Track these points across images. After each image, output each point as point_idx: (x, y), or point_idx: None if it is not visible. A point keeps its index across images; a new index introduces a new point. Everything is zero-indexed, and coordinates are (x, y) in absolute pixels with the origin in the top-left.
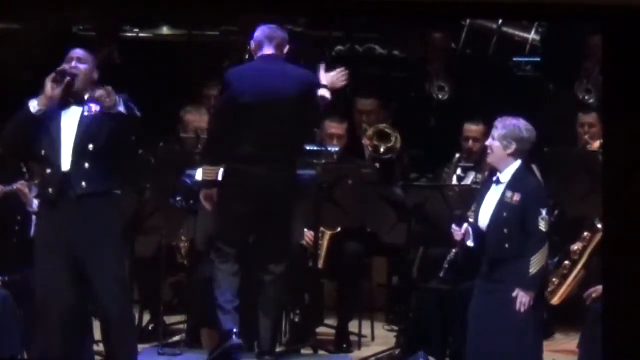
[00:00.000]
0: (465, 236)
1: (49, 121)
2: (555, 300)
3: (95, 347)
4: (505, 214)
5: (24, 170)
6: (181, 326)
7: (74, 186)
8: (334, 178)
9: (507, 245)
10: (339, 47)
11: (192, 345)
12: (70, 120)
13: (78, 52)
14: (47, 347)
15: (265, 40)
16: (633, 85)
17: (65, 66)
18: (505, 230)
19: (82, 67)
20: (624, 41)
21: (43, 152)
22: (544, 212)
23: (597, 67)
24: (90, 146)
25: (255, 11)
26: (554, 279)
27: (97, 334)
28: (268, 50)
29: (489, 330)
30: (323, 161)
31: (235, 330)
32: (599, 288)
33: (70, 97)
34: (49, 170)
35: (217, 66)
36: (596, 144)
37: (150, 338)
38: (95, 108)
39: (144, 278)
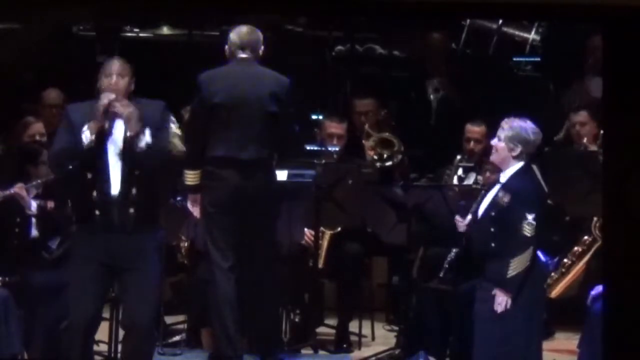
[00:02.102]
0: (467, 228)
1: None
2: (553, 294)
3: (95, 347)
4: (493, 213)
5: (21, 171)
6: (181, 326)
7: (121, 212)
8: (334, 178)
9: (492, 244)
10: (339, 47)
11: (192, 345)
12: (115, 142)
13: (116, 67)
14: (66, 351)
15: (238, 47)
16: (633, 85)
17: (107, 100)
18: (492, 229)
19: (122, 82)
20: (624, 41)
21: (89, 176)
22: (529, 217)
23: (597, 67)
24: (137, 172)
25: (255, 11)
26: (553, 274)
27: (97, 334)
28: (242, 54)
29: (486, 326)
30: (323, 161)
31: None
32: (599, 288)
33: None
34: (95, 194)
35: (217, 66)
36: (592, 140)
37: None
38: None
39: None
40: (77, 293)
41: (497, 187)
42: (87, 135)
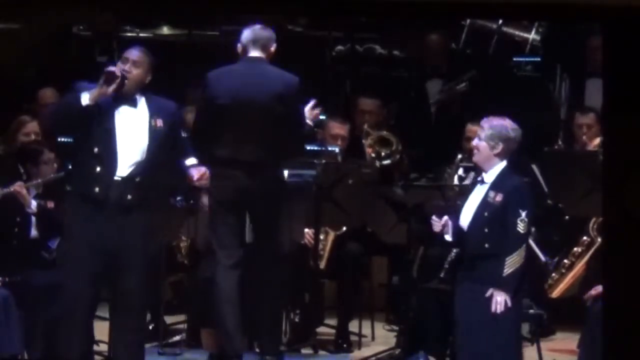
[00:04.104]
0: (444, 228)
1: (104, 120)
2: (555, 294)
3: (95, 347)
4: (486, 214)
5: (22, 171)
6: (181, 326)
7: (121, 193)
8: (334, 178)
9: (486, 245)
10: (339, 47)
11: (192, 345)
12: (125, 124)
13: (134, 54)
14: (62, 346)
15: (250, 43)
16: (633, 85)
17: (115, 68)
18: (486, 230)
19: (135, 71)
20: (624, 41)
21: (96, 150)
22: (523, 214)
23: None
24: (150, 161)
25: (255, 11)
26: (554, 274)
27: (97, 334)
28: (253, 53)
29: (474, 329)
30: (323, 161)
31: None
32: (599, 288)
33: (122, 97)
34: (99, 169)
35: (217, 66)
36: (595, 142)
37: (150, 338)
38: (159, 122)
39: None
40: (73, 279)
41: (483, 187)
42: (85, 98)
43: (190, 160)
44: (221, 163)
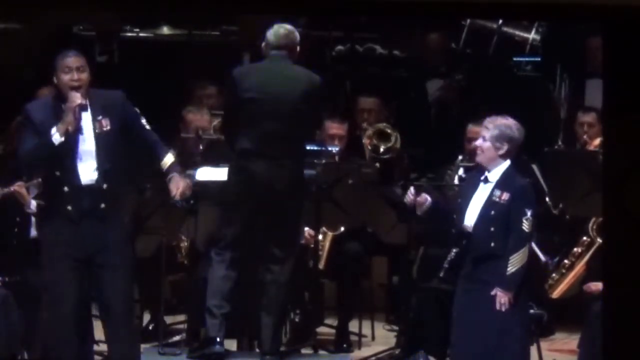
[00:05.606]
0: (420, 204)
1: (63, 142)
2: (555, 294)
3: (96, 347)
4: (492, 213)
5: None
6: (181, 326)
7: (92, 204)
8: (334, 178)
9: (492, 244)
10: (339, 47)
11: (192, 345)
12: (82, 135)
13: (77, 61)
14: (54, 348)
15: (276, 41)
16: (633, 85)
17: (80, 98)
18: (492, 229)
19: (83, 76)
20: (624, 41)
21: (58, 174)
22: (528, 213)
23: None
24: (107, 165)
25: (255, 11)
26: (554, 274)
27: (97, 334)
28: (279, 51)
29: (473, 329)
30: (323, 161)
31: (218, 339)
32: (599, 284)
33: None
34: (66, 189)
35: (217, 66)
36: (595, 142)
37: (150, 338)
38: (105, 123)
39: (144, 278)
40: (57, 292)
41: (487, 186)
42: (56, 138)
43: (169, 157)
44: (242, 156)
